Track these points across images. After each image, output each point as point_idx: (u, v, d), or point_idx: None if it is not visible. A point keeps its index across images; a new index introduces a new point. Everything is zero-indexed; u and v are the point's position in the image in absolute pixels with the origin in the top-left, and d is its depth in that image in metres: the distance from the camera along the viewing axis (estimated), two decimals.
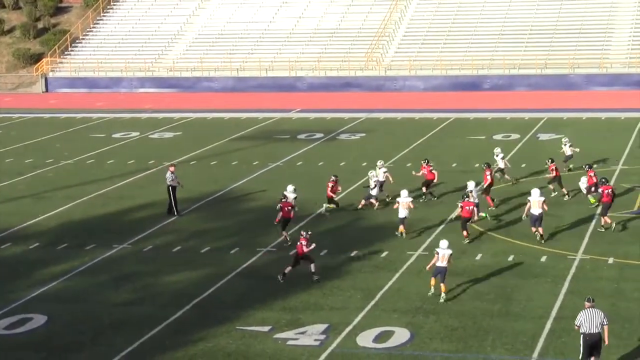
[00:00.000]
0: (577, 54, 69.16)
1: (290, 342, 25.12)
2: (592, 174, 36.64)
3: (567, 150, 41.57)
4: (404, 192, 34.45)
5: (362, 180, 41.13)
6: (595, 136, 50.76)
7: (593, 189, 36.16)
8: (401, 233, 33.85)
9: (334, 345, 24.83)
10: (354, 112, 61.92)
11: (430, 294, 27.89)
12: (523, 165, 43.23)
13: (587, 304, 22.55)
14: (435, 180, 38.91)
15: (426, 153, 47.62)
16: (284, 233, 33.80)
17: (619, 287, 28.22)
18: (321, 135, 54.67)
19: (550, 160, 38.61)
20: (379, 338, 25.22)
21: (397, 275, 30.13)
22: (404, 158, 47.28)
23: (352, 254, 32.33)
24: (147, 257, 32.93)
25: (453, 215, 36.14)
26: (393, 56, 73.85)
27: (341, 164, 46.60)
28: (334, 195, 37.75)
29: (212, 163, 47.95)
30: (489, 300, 27.59)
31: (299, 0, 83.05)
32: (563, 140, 42.39)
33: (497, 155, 40.14)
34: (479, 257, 31.53)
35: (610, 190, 33.90)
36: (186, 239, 34.85)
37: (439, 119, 58.11)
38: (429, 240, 33.52)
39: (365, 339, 25.15)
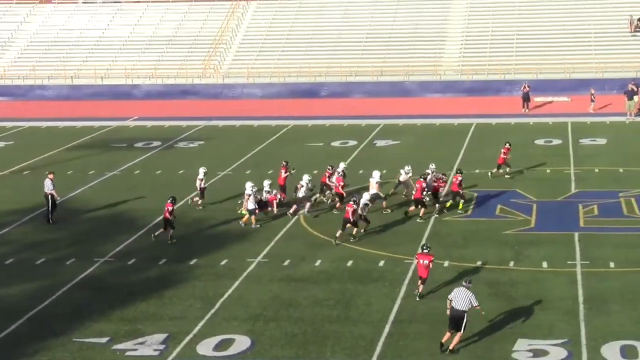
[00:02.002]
0: (411, 61, 70.44)
1: (129, 353, 24.73)
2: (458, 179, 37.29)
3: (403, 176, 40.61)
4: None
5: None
6: (430, 142, 51.77)
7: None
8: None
9: (173, 354, 24.55)
10: (192, 120, 61.52)
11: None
12: (361, 172, 43.70)
13: (464, 283, 24.73)
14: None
15: (266, 160, 47.79)
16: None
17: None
18: (159, 143, 54.08)
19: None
20: (219, 346, 25.06)
21: (237, 282, 30.01)
22: (243, 165, 47.21)
23: (192, 262, 32.04)
24: None
25: (291, 223, 36.25)
26: (231, 64, 73.74)
27: (180, 172, 46.22)
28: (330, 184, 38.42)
29: (47, 173, 46.74)
30: (329, 306, 27.75)
31: (134, 7, 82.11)
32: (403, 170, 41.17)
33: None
34: (318, 263, 31.69)
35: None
36: (20, 251, 33.89)
37: (277, 126, 58.27)
38: (268, 247, 33.52)
39: (206, 348, 24.95)
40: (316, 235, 34.78)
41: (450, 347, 24.37)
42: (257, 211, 36.20)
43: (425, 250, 28.35)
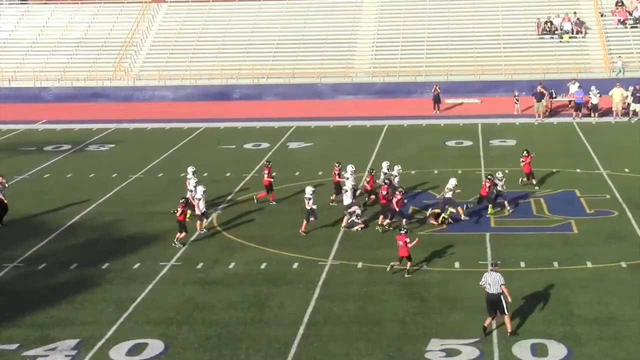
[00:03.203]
0: (323, 63, 70.62)
1: (40, 359, 24.32)
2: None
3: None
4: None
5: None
6: (343, 144, 51.94)
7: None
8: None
9: None
10: (103, 122, 60.82)
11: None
12: (274, 174, 43.60)
13: (491, 267, 25.80)
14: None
15: (178, 163, 47.47)
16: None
17: (368, 291, 28.92)
18: (69, 146, 53.35)
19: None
20: (132, 351, 24.82)
21: (151, 286, 29.76)
22: (155, 169, 46.82)
23: (104, 267, 31.67)
24: None
25: (204, 225, 36.08)
26: (142, 66, 73.08)
27: (90, 175, 45.67)
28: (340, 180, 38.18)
29: None
30: (243, 309, 27.67)
31: (42, 9, 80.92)
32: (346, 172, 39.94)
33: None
34: (232, 265, 31.58)
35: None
36: None
37: (189, 128, 57.92)
38: (181, 250, 33.30)
39: (119, 352, 24.70)
40: (230, 237, 34.65)
41: (509, 331, 25.13)
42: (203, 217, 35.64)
43: (402, 232, 30.15)
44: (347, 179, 37.23)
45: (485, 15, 74.68)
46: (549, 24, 71.82)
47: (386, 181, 36.63)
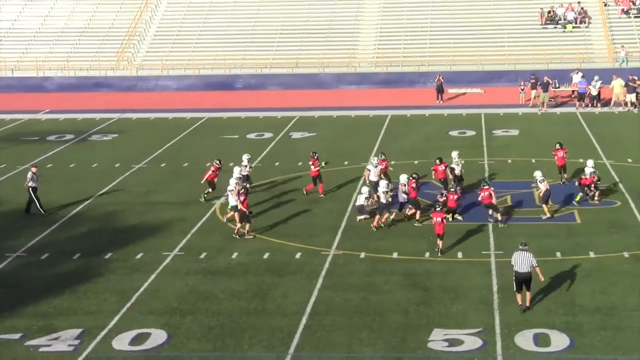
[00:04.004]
0: (326, 53, 70.54)
1: (42, 349, 24.40)
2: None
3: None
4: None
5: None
6: (345, 134, 51.93)
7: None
8: None
9: (88, 350, 24.27)
10: (106, 112, 60.80)
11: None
12: (277, 164, 43.71)
13: (520, 247, 26.23)
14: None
15: (181, 153, 47.53)
16: None
17: (371, 281, 28.94)
18: (72, 136, 53.37)
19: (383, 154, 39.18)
20: (135, 341, 24.85)
21: (153, 276, 29.79)
22: (158, 158, 46.82)
23: (107, 256, 31.70)
24: None
25: (208, 215, 36.10)
26: (145, 56, 73.05)
27: (93, 165, 45.70)
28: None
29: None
30: (246, 299, 27.69)
31: None
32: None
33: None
34: (235, 255, 31.59)
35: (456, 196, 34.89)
36: None
37: (192, 118, 57.91)
38: (184, 240, 33.32)
39: (121, 342, 24.73)
40: (233, 227, 34.63)
41: (528, 305, 26.08)
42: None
43: (438, 209, 31.30)
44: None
45: (489, 4, 74.56)
46: (552, 14, 71.70)
47: (414, 175, 35.86)
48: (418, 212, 34.74)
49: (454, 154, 38.88)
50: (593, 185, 36.37)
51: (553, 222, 34.36)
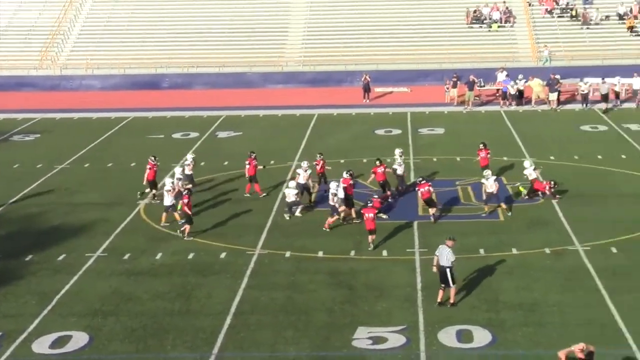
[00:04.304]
0: (253, 52, 70.31)
1: None
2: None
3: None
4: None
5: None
6: (272, 133, 51.81)
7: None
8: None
9: (7, 353, 23.92)
10: (28, 112, 59.88)
11: None
12: (202, 164, 43.43)
13: (448, 242, 26.56)
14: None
15: (105, 153, 47.05)
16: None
17: (296, 280, 28.92)
18: None
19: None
20: (56, 344, 24.56)
21: (76, 278, 29.46)
22: (82, 159, 46.27)
23: (27, 258, 31.23)
24: None
25: (132, 216, 35.80)
26: (69, 55, 72.12)
27: (15, 166, 45.02)
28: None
29: None
30: (169, 299, 27.50)
31: None
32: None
33: None
34: (159, 256, 31.35)
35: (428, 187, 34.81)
36: None
37: (117, 118, 57.32)
38: (107, 241, 32.99)
39: (42, 346, 24.42)
40: (157, 228, 34.38)
41: (452, 302, 26.26)
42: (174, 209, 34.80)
43: (369, 205, 31.82)
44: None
45: (415, 4, 74.89)
46: (477, 13, 72.32)
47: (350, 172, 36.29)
48: (352, 210, 34.76)
49: (397, 152, 38.88)
50: (549, 190, 36.50)
51: (476, 219, 34.63)
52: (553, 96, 56.45)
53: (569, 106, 55.53)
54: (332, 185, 34.50)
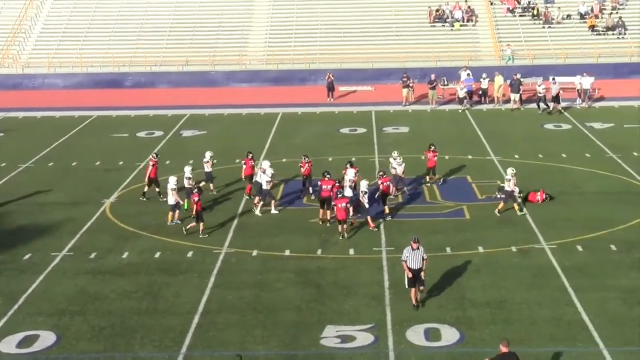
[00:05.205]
0: (217, 51, 70.23)
1: None
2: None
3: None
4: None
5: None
6: (237, 132, 51.74)
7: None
8: None
9: None
10: None
11: None
12: (167, 162, 43.28)
13: (413, 244, 26.05)
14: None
15: (69, 152, 46.78)
16: None
17: (263, 279, 28.91)
18: None
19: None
20: (23, 343, 24.41)
21: (42, 277, 29.27)
22: (45, 158, 45.97)
23: None
24: None
25: (97, 215, 35.64)
26: (30, 53, 71.63)
27: None
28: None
29: None
30: (137, 298, 27.40)
31: None
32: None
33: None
34: (125, 255, 31.23)
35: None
36: None
37: (80, 117, 56.99)
38: (73, 240, 32.81)
39: (8, 345, 24.26)
40: (123, 227, 34.25)
41: (418, 301, 26.25)
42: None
43: (340, 196, 32.39)
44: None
45: (378, 3, 75.06)
46: (440, 12, 72.62)
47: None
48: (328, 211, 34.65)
49: (394, 154, 38.72)
50: (541, 201, 36.51)
51: (443, 217, 34.79)
52: (515, 96, 56.69)
53: (533, 105, 55.82)
54: (363, 184, 34.22)
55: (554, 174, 40.78)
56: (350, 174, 35.82)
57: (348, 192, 34.52)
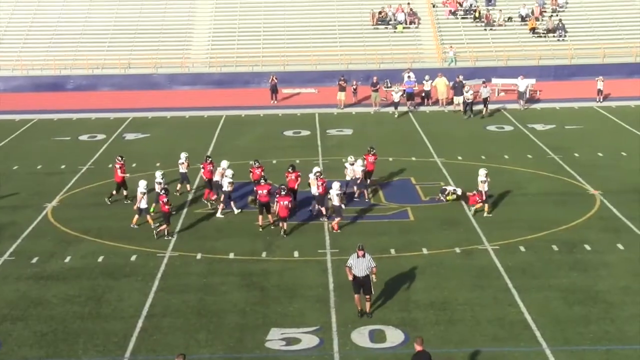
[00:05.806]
0: (159, 54, 69.84)
1: None
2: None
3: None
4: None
5: None
6: (180, 134, 51.50)
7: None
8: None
9: None
10: None
11: None
12: (110, 166, 42.93)
13: (359, 252, 25.62)
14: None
15: (10, 156, 46.26)
16: None
17: (207, 282, 28.81)
18: None
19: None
20: None
21: None
22: None
23: None
24: None
25: (39, 219, 35.28)
26: None
27: None
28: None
29: None
30: (79, 303, 27.17)
31: None
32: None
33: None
34: (68, 259, 30.95)
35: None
36: None
37: (21, 120, 56.39)
38: (14, 245, 32.45)
39: None
40: (65, 231, 33.94)
41: (368, 311, 25.82)
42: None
43: (283, 193, 32.85)
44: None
45: (321, 5, 75.18)
46: (383, 14, 72.88)
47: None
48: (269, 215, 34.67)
49: (350, 158, 38.51)
50: (481, 202, 36.60)
51: (387, 219, 34.91)
52: (458, 99, 56.96)
53: (476, 107, 56.16)
54: (335, 185, 34.16)
55: (497, 175, 41.01)
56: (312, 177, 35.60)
57: (314, 191, 34.94)
